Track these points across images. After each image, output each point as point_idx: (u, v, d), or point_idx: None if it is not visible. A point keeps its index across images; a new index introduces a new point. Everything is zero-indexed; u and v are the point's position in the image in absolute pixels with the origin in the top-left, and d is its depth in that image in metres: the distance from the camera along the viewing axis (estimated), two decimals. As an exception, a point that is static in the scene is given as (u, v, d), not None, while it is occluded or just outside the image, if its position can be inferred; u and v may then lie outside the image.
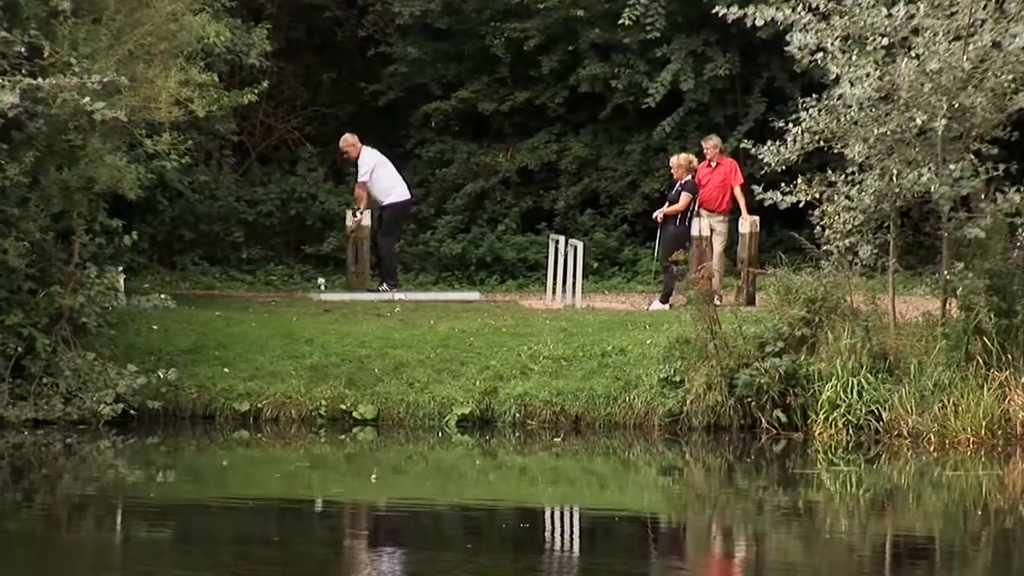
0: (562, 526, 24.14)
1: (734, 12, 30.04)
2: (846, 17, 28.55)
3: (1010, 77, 28.32)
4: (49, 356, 28.34)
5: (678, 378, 29.19)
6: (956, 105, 28.07)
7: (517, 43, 42.02)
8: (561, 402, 29.72)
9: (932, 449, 27.63)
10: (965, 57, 28.06)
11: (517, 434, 30.01)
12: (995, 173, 28.60)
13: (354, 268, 37.99)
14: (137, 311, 30.79)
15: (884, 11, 28.43)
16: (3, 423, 28.15)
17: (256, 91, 35.53)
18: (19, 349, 28.43)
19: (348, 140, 39.22)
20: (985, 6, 28.35)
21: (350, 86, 44.68)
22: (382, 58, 43.52)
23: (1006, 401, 27.70)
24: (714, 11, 31.18)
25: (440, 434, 29.82)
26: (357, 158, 39.19)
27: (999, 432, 27.49)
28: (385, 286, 37.24)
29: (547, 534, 22.89)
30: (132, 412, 28.62)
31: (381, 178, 38.41)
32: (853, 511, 24.79)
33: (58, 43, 27.54)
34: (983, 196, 29.06)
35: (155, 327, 31.29)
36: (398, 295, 36.92)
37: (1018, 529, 23.07)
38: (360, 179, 38.97)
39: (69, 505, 24.20)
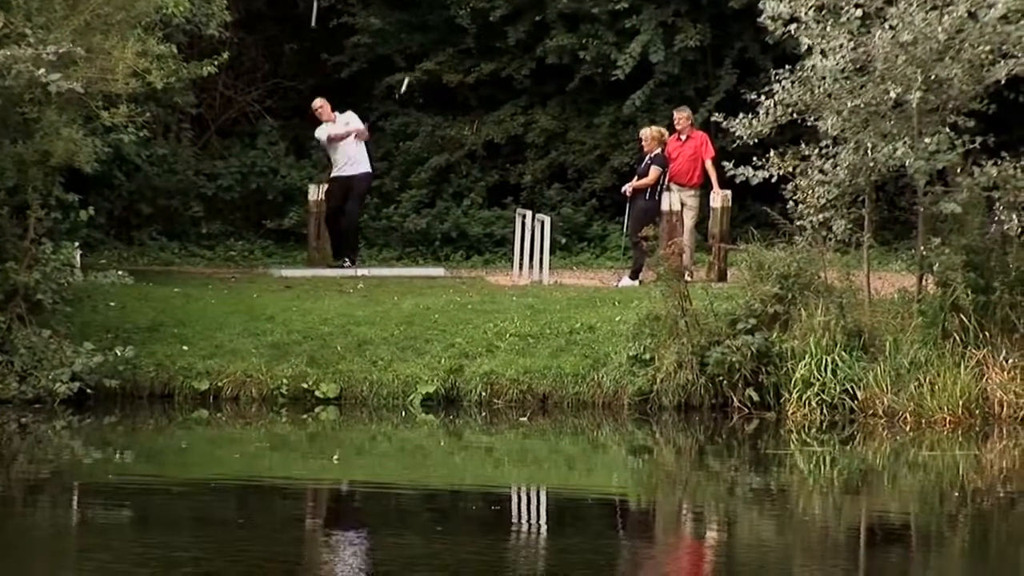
0: (531, 508, 24.21)
1: None
2: None
3: (987, 48, 28.23)
4: (3, 334, 28.36)
5: (648, 356, 29.11)
6: (932, 77, 28.29)
7: (483, 13, 41.54)
8: (528, 381, 29.67)
9: (908, 429, 27.66)
10: (940, 28, 27.80)
11: (483, 413, 29.92)
12: (972, 146, 28.60)
13: (316, 244, 37.95)
14: (94, 287, 30.58)
15: None
16: (-43, 402, 28.81)
17: (216, 63, 35.19)
18: None
19: (316, 104, 38.88)
20: (961, -24, 29.26)
21: (312, 58, 43.96)
22: (344, 29, 42.82)
23: (984, 380, 27.76)
24: None
25: (404, 413, 29.69)
26: (327, 121, 39.06)
27: (977, 411, 27.52)
28: (347, 261, 36.97)
29: (516, 516, 22.94)
30: (89, 391, 28.46)
31: (334, 150, 38.70)
32: (827, 492, 24.95)
33: (12, 13, 27.30)
34: (960, 170, 28.92)
35: (112, 304, 31.24)
36: (360, 271, 36.41)
37: (996, 511, 23.09)
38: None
39: (24, 487, 24.11)
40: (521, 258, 36.61)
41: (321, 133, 38.90)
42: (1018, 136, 33.49)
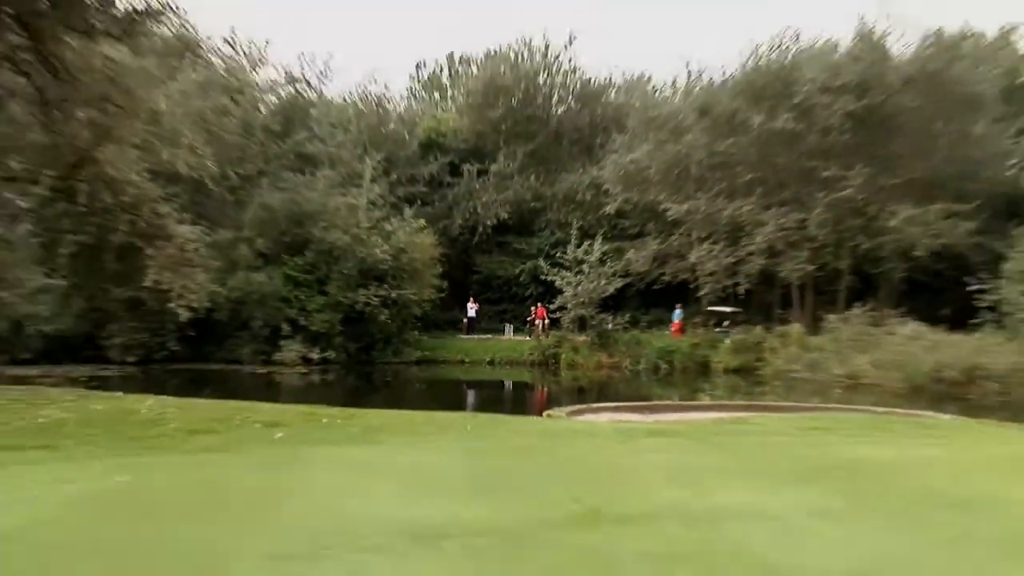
0: (495, 385, 28.60)
1: (546, 277, 32.36)
2: (569, 276, 31.79)
3: (592, 286, 31.15)
4: (395, 348, 31.62)
5: (531, 351, 32.71)
6: (591, 290, 31.18)
7: (486, 278, 39.51)
8: (501, 357, 33.12)
9: (585, 370, 30.69)
10: (600, 279, 31.29)
11: (489, 366, 32.46)
12: (608, 310, 31.83)
13: (466, 332, 36.41)
14: (421, 344, 32.73)
15: (579, 275, 31.22)
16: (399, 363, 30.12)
17: (441, 294, 34.18)
18: (394, 347, 31.29)
19: (471, 301, 37.17)
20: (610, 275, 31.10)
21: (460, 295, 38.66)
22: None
23: (600, 358, 31.11)
24: (543, 277, 33.58)
25: (485, 366, 32.41)
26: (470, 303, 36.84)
27: (603, 368, 30.67)
28: (474, 336, 35.53)
29: (498, 388, 27.97)
30: (420, 362, 31.19)
31: (470, 310, 36.24)
32: (571, 382, 28.17)
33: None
34: (600, 313, 32.05)
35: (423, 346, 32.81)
36: (473, 337, 35.54)
37: (608, 384, 26.09)
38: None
39: (399, 381, 27.31)
40: (511, 333, 36.18)
41: (470, 307, 36.96)
42: (613, 306, 33.37)
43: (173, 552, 4.63)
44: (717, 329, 31.72)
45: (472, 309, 36.43)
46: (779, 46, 30.70)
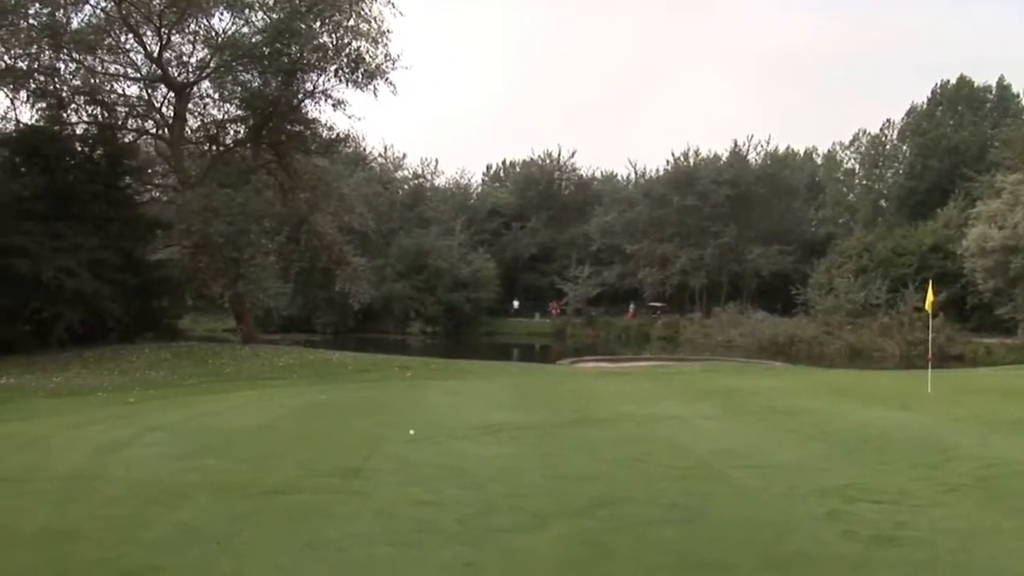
0: (529, 347, 24.32)
1: (558, 286, 28.74)
2: (570, 285, 27.96)
3: (583, 291, 28.25)
4: (475, 326, 28.03)
5: (550, 328, 28.80)
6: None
7: (524, 286, 33.61)
8: (532, 331, 29.17)
9: (580, 339, 25.84)
10: (583, 291, 28.08)
11: (528, 336, 28.22)
12: (592, 304, 28.90)
13: (513, 316, 31.53)
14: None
15: (575, 285, 27.79)
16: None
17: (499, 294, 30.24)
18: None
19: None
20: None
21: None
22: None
23: (590, 332, 26.06)
24: (556, 286, 29.32)
25: (523, 335, 28.13)
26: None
27: (590, 338, 26.15)
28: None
29: (527, 348, 23.90)
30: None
31: None
32: (569, 346, 23.28)
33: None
34: (587, 306, 28.48)
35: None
36: (516, 319, 30.65)
37: (593, 346, 22.59)
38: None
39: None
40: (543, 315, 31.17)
41: (515, 302, 31.44)
42: (595, 302, 29.84)
43: (351, 435, 4.86)
44: (653, 315, 30.11)
45: (516, 303, 33.61)
46: (687, 156, 31.10)
